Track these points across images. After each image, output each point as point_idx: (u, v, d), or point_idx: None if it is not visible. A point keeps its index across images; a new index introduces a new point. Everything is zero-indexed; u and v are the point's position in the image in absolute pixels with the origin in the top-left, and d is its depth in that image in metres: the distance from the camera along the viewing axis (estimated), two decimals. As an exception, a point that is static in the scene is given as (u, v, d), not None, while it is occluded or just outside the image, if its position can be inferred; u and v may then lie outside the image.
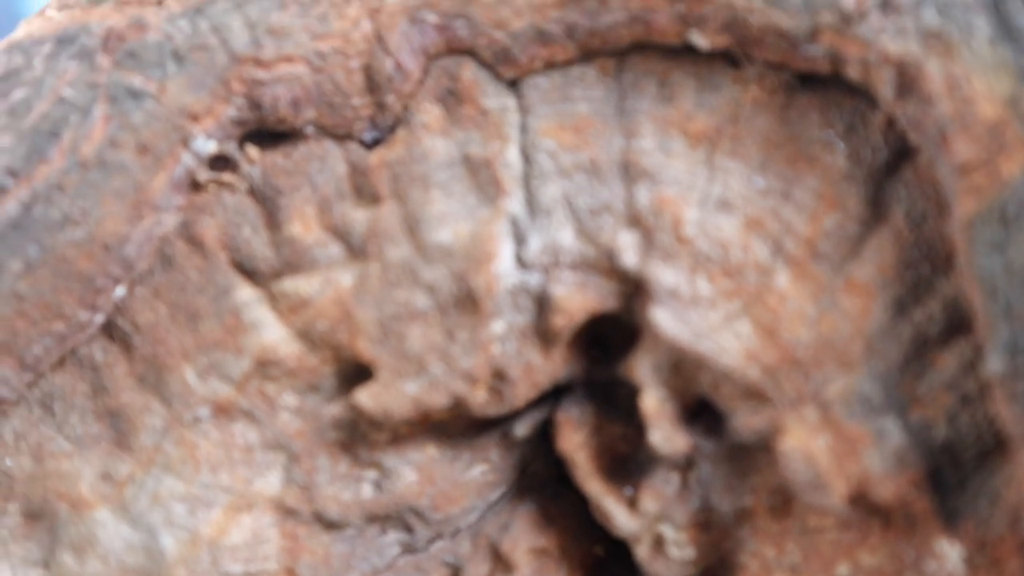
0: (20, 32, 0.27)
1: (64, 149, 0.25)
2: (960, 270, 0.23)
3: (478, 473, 0.29)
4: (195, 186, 0.27)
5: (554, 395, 0.28)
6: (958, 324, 0.24)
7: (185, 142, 0.26)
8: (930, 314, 0.24)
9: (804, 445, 0.24)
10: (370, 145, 0.28)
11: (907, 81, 0.23)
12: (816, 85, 0.26)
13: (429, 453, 0.28)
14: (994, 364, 0.22)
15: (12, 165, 0.24)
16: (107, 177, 0.25)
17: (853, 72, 0.24)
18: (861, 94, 0.25)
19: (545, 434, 0.29)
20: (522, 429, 0.28)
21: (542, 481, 0.30)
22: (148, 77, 0.25)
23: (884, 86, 0.24)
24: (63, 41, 0.26)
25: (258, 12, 0.26)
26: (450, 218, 0.26)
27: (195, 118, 0.26)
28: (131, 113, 0.25)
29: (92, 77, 0.25)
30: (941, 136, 0.23)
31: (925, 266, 0.25)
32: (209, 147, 0.26)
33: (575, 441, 0.28)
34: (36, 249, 0.25)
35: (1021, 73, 0.23)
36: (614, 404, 0.28)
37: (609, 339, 0.28)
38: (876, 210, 0.25)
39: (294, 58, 0.26)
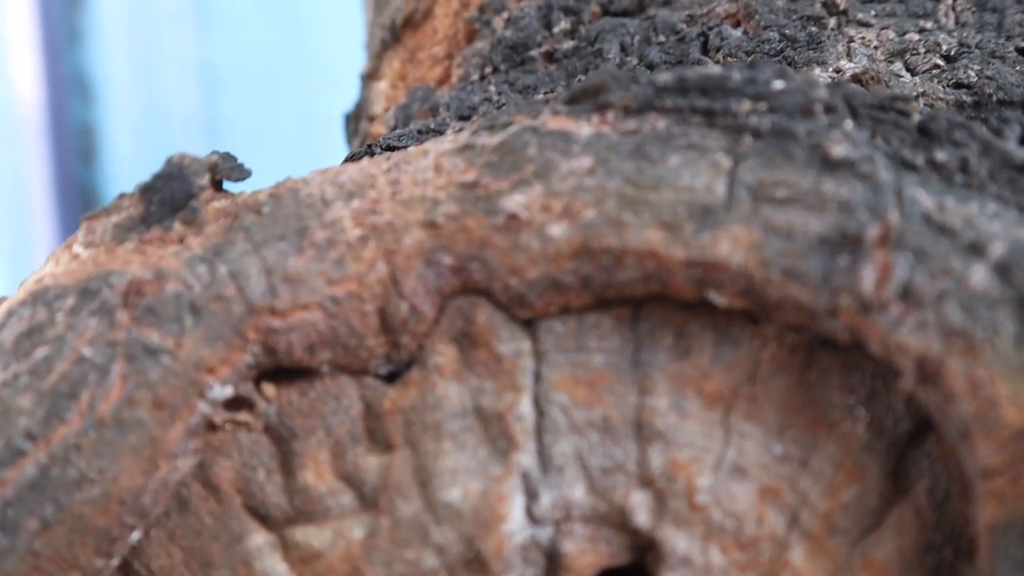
0: (46, 272, 0.28)
1: (82, 409, 0.25)
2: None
3: None
4: (211, 426, 0.27)
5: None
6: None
7: (201, 393, 0.26)
8: (953, 604, 0.24)
9: None
10: (386, 378, 0.28)
11: (928, 374, 0.23)
12: (837, 345, 0.25)
13: None
14: None
15: (31, 428, 0.25)
16: (123, 434, 0.25)
17: (875, 348, 0.24)
18: (884, 361, 0.24)
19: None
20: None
21: None
22: (166, 333, 0.26)
23: (905, 368, 0.23)
24: (85, 294, 0.26)
25: (275, 256, 0.26)
26: (461, 474, 0.26)
27: (211, 371, 0.26)
28: (148, 370, 0.26)
29: (111, 335, 0.26)
30: (964, 432, 0.22)
31: (948, 551, 0.24)
32: (225, 392, 0.27)
33: None
34: (53, 508, 0.25)
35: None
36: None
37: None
38: (897, 483, 0.25)
39: (309, 305, 0.26)
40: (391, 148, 0.37)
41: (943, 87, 0.32)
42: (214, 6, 1.22)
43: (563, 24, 0.44)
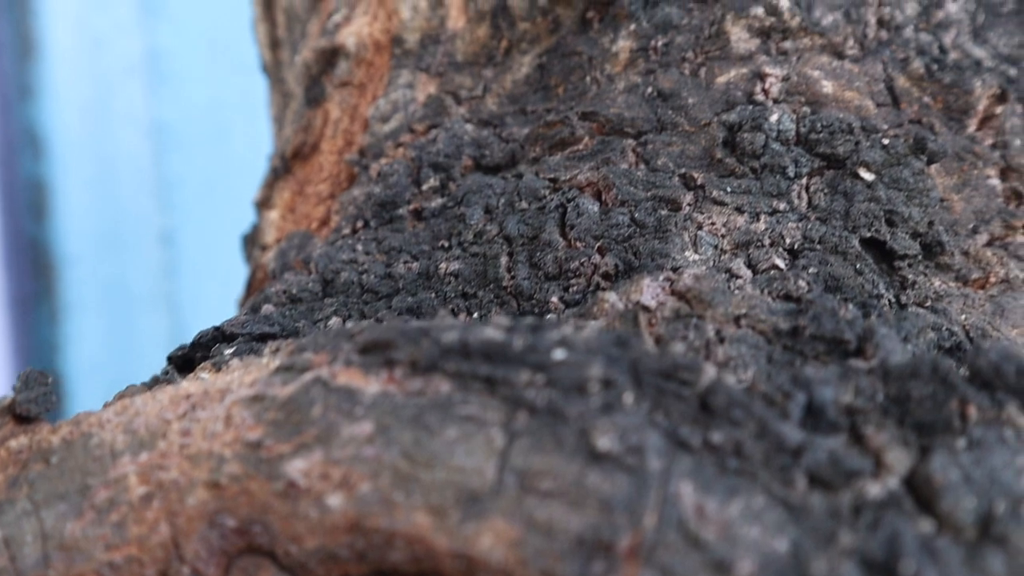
0: None
1: None
2: None
3: None
4: None
5: None
6: None
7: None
8: None
9: None
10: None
11: None
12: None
13: None
14: None
15: None
16: None
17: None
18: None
19: None
20: None
21: None
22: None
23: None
24: None
25: (54, 519, 0.26)
26: None
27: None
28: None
29: None
30: None
31: None
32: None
33: None
34: None
35: None
36: None
37: None
38: None
39: (84, 574, 0.26)
40: (229, 337, 0.36)
41: (772, 299, 0.32)
42: (166, 64, 1.21)
43: (432, 181, 0.44)
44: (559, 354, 0.25)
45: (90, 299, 1.25)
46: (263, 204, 0.53)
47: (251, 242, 0.55)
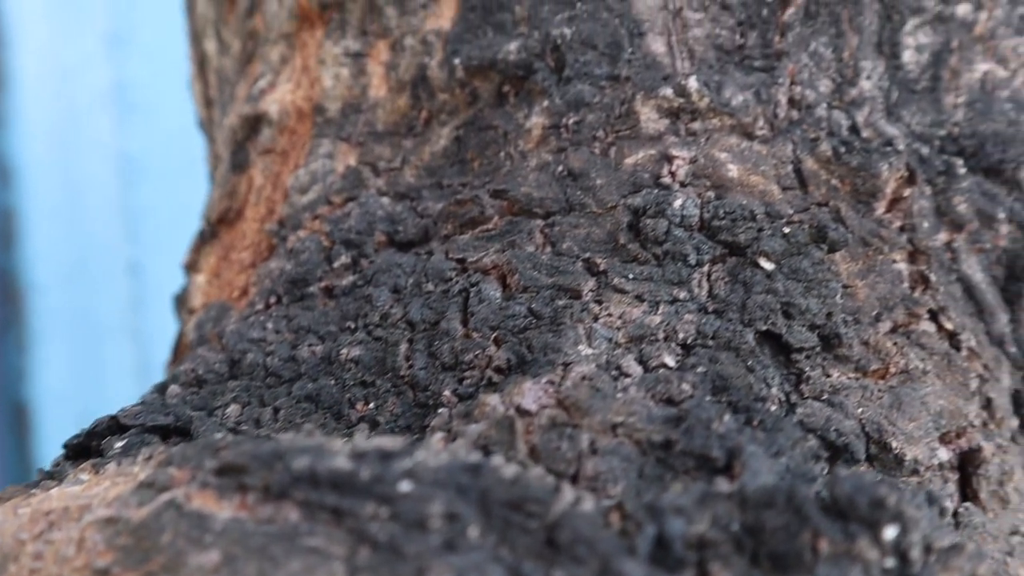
0: None
1: None
2: None
3: None
4: None
5: None
6: None
7: None
8: None
9: None
10: None
11: None
12: None
13: None
14: None
15: None
16: None
17: None
18: None
19: None
20: None
21: None
22: None
23: None
24: None
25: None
26: None
27: None
28: None
29: None
30: None
31: None
32: None
33: None
34: None
35: None
36: None
37: None
38: None
39: None
40: (122, 428, 0.36)
41: (654, 402, 0.31)
42: (134, 95, 1.21)
43: (344, 258, 0.43)
44: (405, 486, 0.25)
45: (57, 328, 1.24)
46: (191, 267, 0.53)
47: (181, 303, 0.55)
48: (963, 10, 0.43)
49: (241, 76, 0.54)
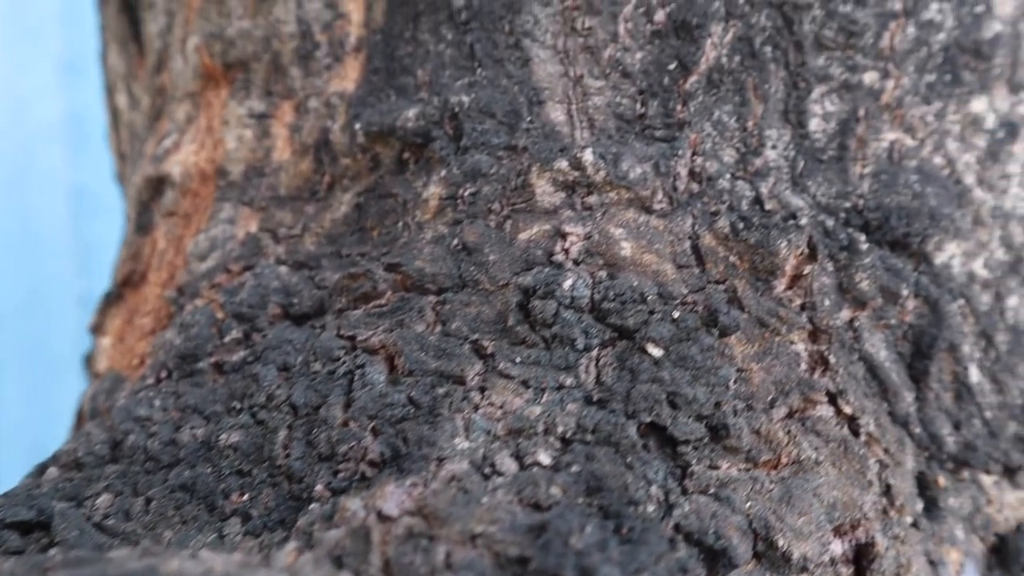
0: None
1: None
2: None
3: None
4: None
5: None
6: None
7: None
8: None
9: None
10: None
11: None
12: None
13: None
14: None
15: None
16: None
17: None
18: None
19: None
20: None
21: None
22: None
23: None
24: None
25: None
26: None
27: None
28: None
29: None
30: None
31: None
32: None
33: None
34: None
35: None
36: None
37: None
38: None
39: None
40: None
41: (521, 507, 0.30)
42: (87, 127, 1.20)
43: (235, 332, 0.42)
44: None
45: (10, 361, 1.22)
46: (96, 329, 0.51)
47: (89, 365, 0.53)
48: (870, 78, 0.42)
49: (150, 132, 0.52)
